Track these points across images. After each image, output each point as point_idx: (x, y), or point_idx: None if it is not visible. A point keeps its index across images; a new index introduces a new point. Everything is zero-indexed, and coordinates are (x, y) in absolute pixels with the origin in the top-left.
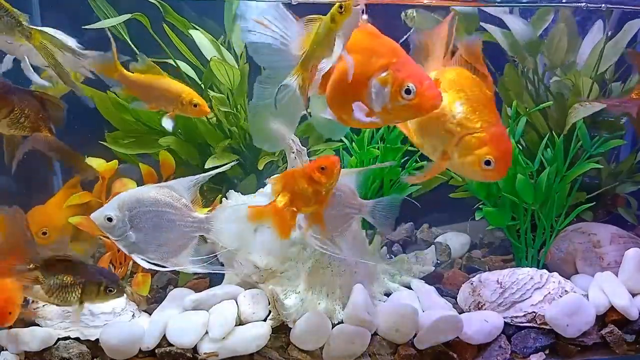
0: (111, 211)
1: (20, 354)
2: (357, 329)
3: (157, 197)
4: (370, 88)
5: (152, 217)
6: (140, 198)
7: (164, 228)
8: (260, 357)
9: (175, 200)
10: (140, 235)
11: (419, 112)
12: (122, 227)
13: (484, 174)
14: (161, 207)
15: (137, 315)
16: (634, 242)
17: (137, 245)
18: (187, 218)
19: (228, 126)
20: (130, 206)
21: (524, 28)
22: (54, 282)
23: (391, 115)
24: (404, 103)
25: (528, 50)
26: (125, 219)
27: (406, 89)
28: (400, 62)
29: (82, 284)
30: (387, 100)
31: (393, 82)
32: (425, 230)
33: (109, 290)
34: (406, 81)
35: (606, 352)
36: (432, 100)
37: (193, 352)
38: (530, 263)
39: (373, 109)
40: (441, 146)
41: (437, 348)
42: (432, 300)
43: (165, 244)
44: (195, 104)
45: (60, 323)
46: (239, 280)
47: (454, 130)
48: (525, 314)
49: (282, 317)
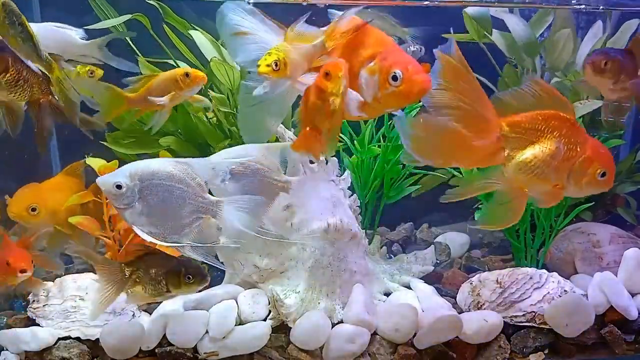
0: (122, 178)
1: (21, 353)
2: (357, 328)
3: (172, 172)
4: (359, 79)
5: (163, 191)
6: (155, 170)
7: (172, 204)
8: (260, 356)
9: (190, 178)
10: (146, 207)
11: (409, 97)
12: (130, 197)
13: (602, 186)
14: (174, 182)
15: (137, 315)
16: (634, 242)
17: (140, 218)
18: (198, 198)
19: (228, 126)
20: (142, 177)
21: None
22: (147, 278)
23: (383, 104)
24: (392, 90)
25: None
26: (136, 189)
27: (393, 76)
28: (386, 51)
29: (164, 274)
30: (377, 89)
31: (380, 71)
32: (424, 230)
33: (188, 278)
34: (392, 68)
35: (605, 351)
36: (420, 84)
37: (193, 351)
38: (530, 263)
39: (365, 100)
40: (553, 182)
41: (437, 348)
42: (431, 300)
43: (171, 220)
44: (187, 74)
45: (60, 323)
46: (239, 280)
47: (561, 166)
48: (524, 313)
49: (282, 317)
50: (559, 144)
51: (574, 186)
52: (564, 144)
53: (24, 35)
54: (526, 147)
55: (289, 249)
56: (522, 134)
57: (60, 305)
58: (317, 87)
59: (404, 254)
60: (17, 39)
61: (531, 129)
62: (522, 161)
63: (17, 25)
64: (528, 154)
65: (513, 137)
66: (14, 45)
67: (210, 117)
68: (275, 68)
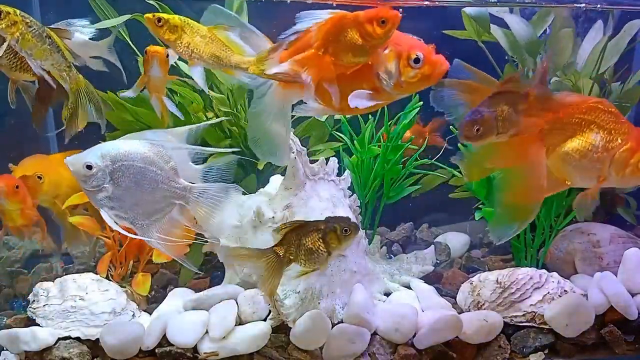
0: (92, 159)
1: (21, 353)
2: (357, 328)
3: (145, 154)
4: (375, 70)
5: (136, 173)
6: (127, 151)
7: (144, 187)
8: (260, 356)
9: (165, 161)
10: (117, 190)
11: (431, 78)
12: (100, 178)
13: None
14: (147, 165)
15: (137, 315)
16: (633, 242)
17: (110, 200)
18: (171, 182)
19: (228, 126)
20: (115, 157)
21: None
22: (302, 250)
23: (405, 88)
24: (415, 72)
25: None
26: (107, 170)
27: (415, 59)
28: (395, 37)
29: (321, 238)
30: (398, 74)
31: (399, 56)
32: (424, 230)
33: (345, 231)
34: (412, 51)
35: (605, 351)
36: (441, 65)
37: (193, 351)
38: (530, 263)
39: (384, 89)
40: (597, 174)
41: (437, 348)
42: (431, 300)
43: (142, 204)
44: (145, 51)
45: (60, 323)
46: (239, 280)
47: (603, 157)
48: (524, 313)
49: (282, 317)
50: (598, 135)
51: (616, 176)
52: (604, 134)
53: (52, 47)
54: (566, 140)
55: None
56: (562, 128)
57: (60, 305)
58: (364, 28)
59: (404, 254)
60: (45, 52)
61: (570, 122)
62: (562, 154)
63: (44, 38)
64: (568, 146)
65: (553, 132)
66: (41, 57)
67: (210, 117)
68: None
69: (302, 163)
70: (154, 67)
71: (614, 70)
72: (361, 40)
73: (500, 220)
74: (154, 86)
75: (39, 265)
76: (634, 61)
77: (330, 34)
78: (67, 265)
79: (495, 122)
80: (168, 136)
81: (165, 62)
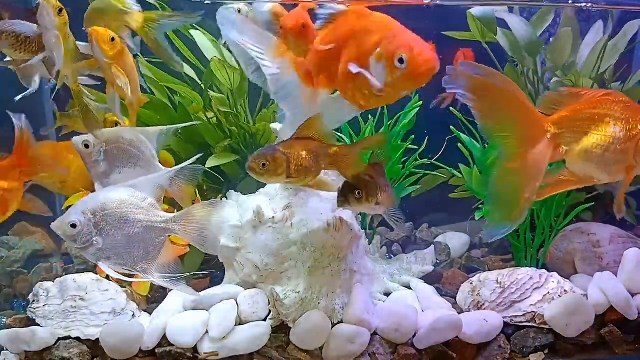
0: (75, 217)
1: (21, 353)
2: (357, 328)
3: (122, 198)
4: (370, 67)
5: (118, 219)
6: (104, 200)
7: (131, 230)
8: (260, 356)
9: (141, 200)
10: (107, 240)
11: (417, 78)
12: (87, 234)
13: None
14: (127, 208)
15: (137, 315)
16: (634, 242)
17: (104, 251)
18: (155, 218)
19: (228, 126)
20: (94, 210)
21: (524, 28)
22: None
23: (395, 88)
24: (400, 73)
25: (528, 51)
26: (91, 223)
27: (399, 59)
28: (391, 35)
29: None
30: (386, 74)
31: (386, 56)
32: (424, 230)
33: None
34: (397, 51)
35: (605, 352)
36: (426, 64)
37: (193, 351)
38: (530, 263)
39: (377, 87)
40: (623, 165)
41: (437, 348)
42: (431, 300)
43: (134, 246)
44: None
45: (60, 323)
46: (239, 280)
47: (627, 147)
48: (524, 313)
49: (282, 317)
50: (616, 127)
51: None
52: (622, 125)
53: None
54: (582, 137)
55: (289, 248)
56: (573, 126)
57: (60, 305)
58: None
59: (404, 254)
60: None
61: (581, 118)
62: (582, 152)
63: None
64: (586, 143)
65: (565, 132)
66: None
67: (210, 117)
68: None
69: None
70: (95, 48)
71: (614, 70)
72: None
73: (492, 218)
74: (102, 69)
75: (39, 265)
76: (634, 61)
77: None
78: (67, 265)
79: (286, 164)
80: (141, 136)
81: (107, 43)
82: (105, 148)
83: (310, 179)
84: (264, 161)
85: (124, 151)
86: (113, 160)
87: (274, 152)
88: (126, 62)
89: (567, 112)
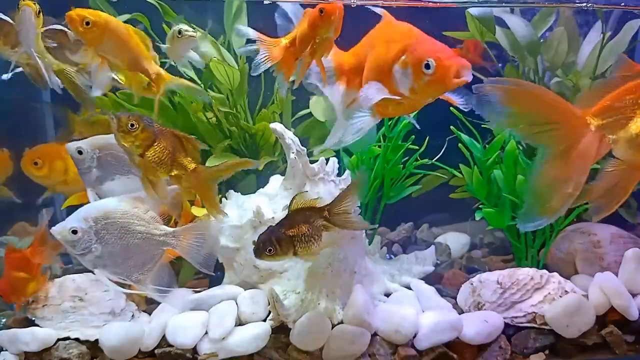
0: (76, 223)
1: (20, 354)
2: (357, 329)
3: (125, 209)
4: (394, 74)
5: (119, 229)
6: (108, 209)
7: (130, 240)
8: (260, 357)
9: (143, 212)
10: (106, 248)
11: (445, 83)
12: (87, 240)
13: None
14: (128, 219)
15: (136, 315)
16: (634, 242)
17: (101, 259)
18: (154, 231)
19: (228, 126)
20: (97, 218)
21: (524, 28)
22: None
23: (420, 95)
24: (427, 79)
25: (528, 51)
26: (92, 231)
27: (425, 65)
28: (416, 42)
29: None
30: (412, 81)
31: (412, 62)
32: (425, 230)
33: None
34: (424, 57)
35: (606, 352)
36: (454, 68)
37: (193, 352)
38: (530, 263)
39: (402, 94)
40: None
41: (437, 348)
42: (432, 301)
43: (131, 257)
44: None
45: (59, 323)
46: (239, 281)
47: None
48: (525, 314)
49: (281, 318)
50: None
51: None
52: None
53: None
54: (628, 123)
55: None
56: (616, 114)
57: (60, 306)
58: (312, 21)
59: (404, 255)
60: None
61: (623, 105)
62: (629, 138)
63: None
64: (633, 128)
65: (609, 122)
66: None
67: (210, 117)
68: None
69: (302, 163)
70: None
71: None
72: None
73: (529, 210)
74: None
75: None
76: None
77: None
78: (67, 265)
79: (291, 242)
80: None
81: (82, 26)
82: (98, 154)
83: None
84: (270, 247)
85: (117, 158)
86: (106, 167)
87: (278, 235)
88: (113, 42)
89: (607, 101)
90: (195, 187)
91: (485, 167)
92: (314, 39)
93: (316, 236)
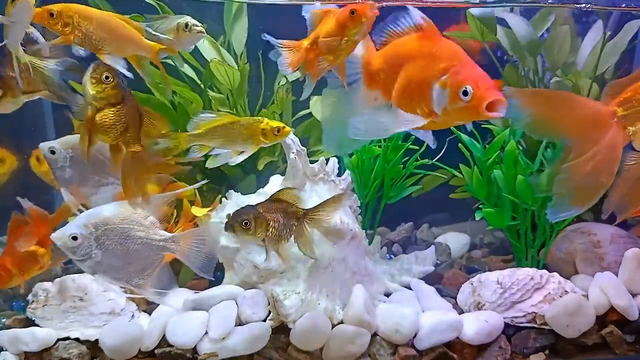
0: (76, 229)
1: (20, 354)
2: (357, 329)
3: (125, 214)
4: (431, 91)
5: (119, 234)
6: (107, 215)
7: (130, 246)
8: (260, 357)
9: (143, 217)
10: (106, 254)
11: (477, 112)
12: (87, 247)
13: None
14: (128, 224)
15: (136, 315)
16: (634, 242)
17: (101, 265)
18: (154, 236)
19: None
20: (97, 224)
21: (524, 28)
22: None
23: (452, 117)
24: (462, 105)
25: (528, 50)
26: (92, 237)
27: (463, 91)
28: (460, 65)
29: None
30: (447, 102)
31: (452, 85)
32: (425, 230)
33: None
34: (464, 83)
35: (606, 352)
36: (489, 101)
37: (193, 352)
38: (530, 263)
39: (434, 111)
40: None
41: (437, 348)
42: (432, 301)
43: (131, 262)
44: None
45: (59, 323)
46: (239, 281)
47: None
48: (525, 314)
49: (281, 318)
50: None
51: None
52: None
53: None
54: None
55: (290, 249)
56: (635, 106)
57: (60, 306)
58: (340, 22)
59: (404, 255)
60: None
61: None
62: None
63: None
64: None
65: (630, 113)
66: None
67: None
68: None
69: (302, 163)
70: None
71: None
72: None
73: (559, 202)
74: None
75: None
76: (634, 61)
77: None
78: (67, 265)
79: (266, 224)
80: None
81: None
82: (71, 154)
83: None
84: (245, 220)
85: (90, 157)
86: (79, 166)
87: (255, 213)
88: (95, 29)
89: (629, 93)
90: (123, 168)
91: (485, 167)
92: (340, 40)
93: (287, 231)
